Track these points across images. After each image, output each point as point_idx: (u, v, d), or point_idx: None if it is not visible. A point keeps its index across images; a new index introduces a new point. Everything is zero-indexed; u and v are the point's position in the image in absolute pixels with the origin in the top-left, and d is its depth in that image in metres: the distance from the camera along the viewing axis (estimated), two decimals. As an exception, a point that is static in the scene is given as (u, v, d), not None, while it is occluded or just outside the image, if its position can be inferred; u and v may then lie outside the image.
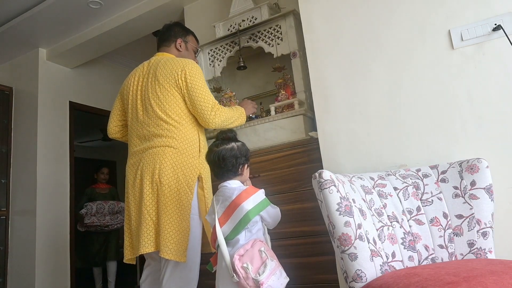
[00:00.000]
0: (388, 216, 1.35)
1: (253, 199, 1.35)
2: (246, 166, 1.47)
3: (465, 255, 1.32)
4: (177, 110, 1.79)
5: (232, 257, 1.29)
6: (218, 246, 1.36)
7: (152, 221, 1.68)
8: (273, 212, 1.44)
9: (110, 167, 6.50)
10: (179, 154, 1.74)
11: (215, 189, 1.50)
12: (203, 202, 1.76)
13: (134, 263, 1.79)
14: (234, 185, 1.42)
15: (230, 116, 1.89)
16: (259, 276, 1.27)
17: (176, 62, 1.84)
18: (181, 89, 1.80)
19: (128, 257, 1.76)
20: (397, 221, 1.35)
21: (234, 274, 1.27)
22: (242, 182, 1.46)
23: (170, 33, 2.05)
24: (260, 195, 1.38)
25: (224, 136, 1.45)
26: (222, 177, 1.44)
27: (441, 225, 1.35)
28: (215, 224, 1.37)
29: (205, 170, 1.80)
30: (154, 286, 1.79)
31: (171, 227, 1.65)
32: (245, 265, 1.28)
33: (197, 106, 1.78)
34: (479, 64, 1.53)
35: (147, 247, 1.64)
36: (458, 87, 1.56)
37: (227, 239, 1.36)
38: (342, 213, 1.20)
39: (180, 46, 2.04)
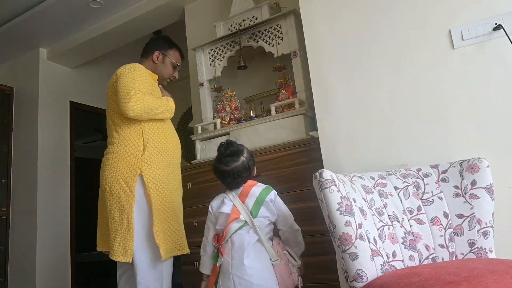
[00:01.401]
0: (388, 215, 1.35)
1: (259, 184, 1.59)
2: (255, 168, 1.64)
3: (465, 255, 1.32)
4: (118, 114, 1.82)
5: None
6: (229, 237, 1.51)
7: (106, 225, 1.80)
8: (284, 207, 1.59)
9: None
10: (118, 157, 1.77)
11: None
12: (149, 199, 1.73)
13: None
14: None
15: (154, 106, 1.78)
16: (296, 262, 1.55)
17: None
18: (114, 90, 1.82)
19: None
20: (398, 221, 1.35)
21: (279, 258, 1.49)
22: None
23: (152, 44, 2.07)
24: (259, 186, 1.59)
25: (231, 152, 1.54)
26: (239, 186, 1.57)
27: (442, 225, 1.35)
28: (231, 210, 1.53)
29: (150, 166, 1.76)
30: (128, 284, 1.84)
31: (114, 229, 1.72)
32: (285, 251, 1.53)
33: (117, 96, 1.77)
34: (479, 64, 1.53)
35: (102, 246, 1.85)
36: (458, 87, 1.56)
37: (253, 216, 1.52)
38: (342, 212, 1.20)
39: (157, 58, 2.03)
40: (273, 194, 1.56)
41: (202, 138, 2.39)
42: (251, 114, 2.52)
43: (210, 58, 2.55)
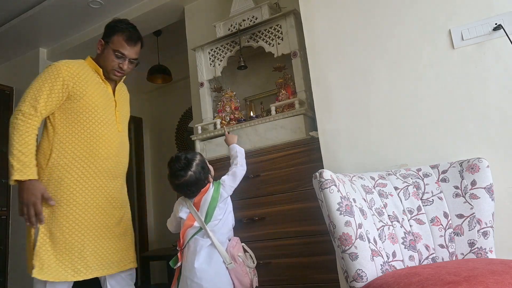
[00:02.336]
0: (388, 215, 1.35)
1: (212, 186, 1.73)
2: (209, 176, 1.74)
3: (465, 255, 1.32)
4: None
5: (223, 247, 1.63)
6: (187, 242, 1.64)
7: None
8: (230, 177, 1.78)
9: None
10: (38, 169, 1.65)
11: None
12: (46, 211, 1.62)
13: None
14: None
15: (12, 138, 1.59)
16: (253, 264, 1.67)
17: None
18: None
19: None
20: (398, 221, 1.35)
21: (232, 261, 1.59)
22: None
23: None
24: (212, 185, 1.74)
25: (178, 167, 1.64)
26: (194, 195, 1.71)
27: (442, 225, 1.35)
28: (187, 217, 1.67)
29: (51, 177, 1.66)
30: None
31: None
32: (239, 254, 1.63)
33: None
34: (479, 64, 1.53)
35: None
36: (458, 87, 1.56)
37: (207, 221, 1.64)
38: (342, 212, 1.20)
39: (99, 48, 1.83)
40: (222, 189, 1.72)
41: (202, 138, 2.39)
42: (251, 114, 2.52)
43: (210, 58, 2.55)
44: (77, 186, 1.68)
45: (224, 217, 1.70)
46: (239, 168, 1.82)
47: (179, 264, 1.65)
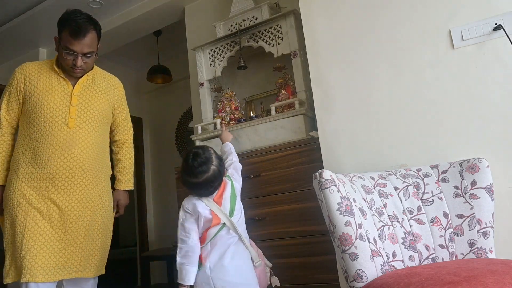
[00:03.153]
0: (388, 215, 1.35)
1: (227, 179, 1.63)
2: (225, 169, 1.63)
3: (465, 255, 1.32)
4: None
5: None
6: (209, 241, 1.50)
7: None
8: (234, 171, 1.72)
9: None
10: None
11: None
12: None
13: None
14: None
15: None
16: (268, 263, 1.58)
17: None
18: None
19: None
20: (398, 221, 1.35)
21: (261, 260, 1.50)
22: None
23: None
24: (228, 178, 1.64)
25: (199, 163, 1.47)
26: (212, 194, 1.54)
27: (442, 225, 1.35)
28: (210, 214, 1.49)
29: (8, 181, 1.69)
30: None
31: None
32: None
33: None
34: (479, 64, 1.53)
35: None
36: (458, 87, 1.56)
37: (231, 214, 1.51)
38: (342, 212, 1.20)
39: (56, 45, 1.74)
40: (235, 181, 1.64)
41: (202, 138, 2.39)
42: (251, 114, 2.52)
43: (210, 58, 2.55)
44: (23, 189, 1.63)
45: (242, 211, 1.61)
46: (237, 162, 1.77)
47: (203, 267, 1.46)
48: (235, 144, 2.22)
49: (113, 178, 1.96)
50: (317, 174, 1.26)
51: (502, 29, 1.48)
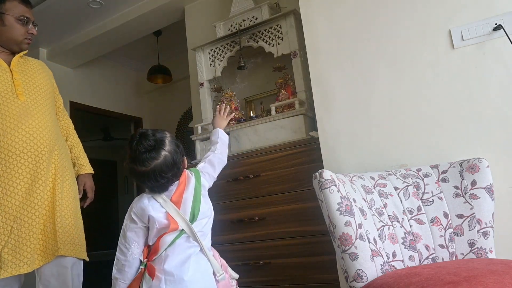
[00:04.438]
0: (388, 215, 1.35)
1: (191, 174, 1.32)
2: (184, 159, 1.29)
3: (465, 255, 1.32)
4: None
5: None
6: (163, 250, 1.20)
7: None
8: (207, 165, 1.39)
9: (110, 167, 6.50)
10: None
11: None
12: None
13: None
14: None
15: None
16: (234, 275, 1.32)
17: None
18: None
19: None
20: (398, 221, 1.35)
21: (224, 272, 1.25)
22: None
23: None
24: (191, 173, 1.34)
25: (147, 147, 1.17)
26: (166, 189, 1.24)
27: (442, 225, 1.35)
28: (166, 218, 1.20)
29: None
30: None
31: None
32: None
33: None
34: (479, 64, 1.53)
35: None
36: (458, 87, 1.56)
37: (192, 221, 1.23)
38: (342, 212, 1.20)
39: None
40: (203, 177, 1.34)
41: (202, 138, 2.39)
42: (251, 114, 2.52)
43: (210, 58, 2.55)
44: None
45: (211, 215, 1.32)
46: (217, 156, 1.43)
47: (151, 283, 1.18)
48: (235, 144, 2.22)
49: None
50: (317, 174, 1.26)
51: (502, 29, 1.48)
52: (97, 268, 4.27)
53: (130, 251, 1.22)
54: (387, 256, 1.26)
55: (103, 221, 5.80)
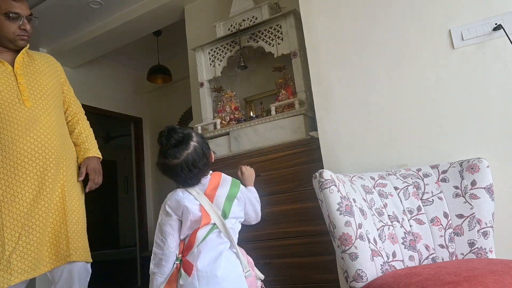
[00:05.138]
0: (388, 215, 1.35)
1: (224, 175, 1.36)
2: (211, 152, 1.33)
3: (465, 255, 1.32)
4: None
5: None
6: (196, 246, 1.23)
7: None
8: (251, 196, 1.42)
9: (110, 167, 6.49)
10: None
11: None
12: None
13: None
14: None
15: None
16: (260, 275, 1.35)
17: None
18: None
19: None
20: (398, 221, 1.35)
21: (251, 269, 1.27)
22: None
23: None
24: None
25: (177, 140, 1.23)
26: (199, 181, 1.28)
27: (442, 225, 1.35)
28: (200, 211, 1.23)
29: None
30: None
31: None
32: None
33: None
34: (479, 64, 1.53)
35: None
36: (458, 87, 1.56)
37: (224, 216, 1.26)
38: (342, 212, 1.20)
39: None
40: (243, 189, 1.36)
41: (202, 138, 2.39)
42: (251, 114, 2.52)
43: (210, 58, 2.55)
44: None
45: (242, 218, 1.36)
46: (257, 208, 1.45)
47: (186, 279, 1.19)
48: (235, 144, 2.22)
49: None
50: (317, 174, 1.26)
51: (502, 29, 1.48)
52: (97, 268, 4.27)
53: (167, 244, 1.25)
54: (387, 256, 1.26)
55: (103, 221, 5.81)
